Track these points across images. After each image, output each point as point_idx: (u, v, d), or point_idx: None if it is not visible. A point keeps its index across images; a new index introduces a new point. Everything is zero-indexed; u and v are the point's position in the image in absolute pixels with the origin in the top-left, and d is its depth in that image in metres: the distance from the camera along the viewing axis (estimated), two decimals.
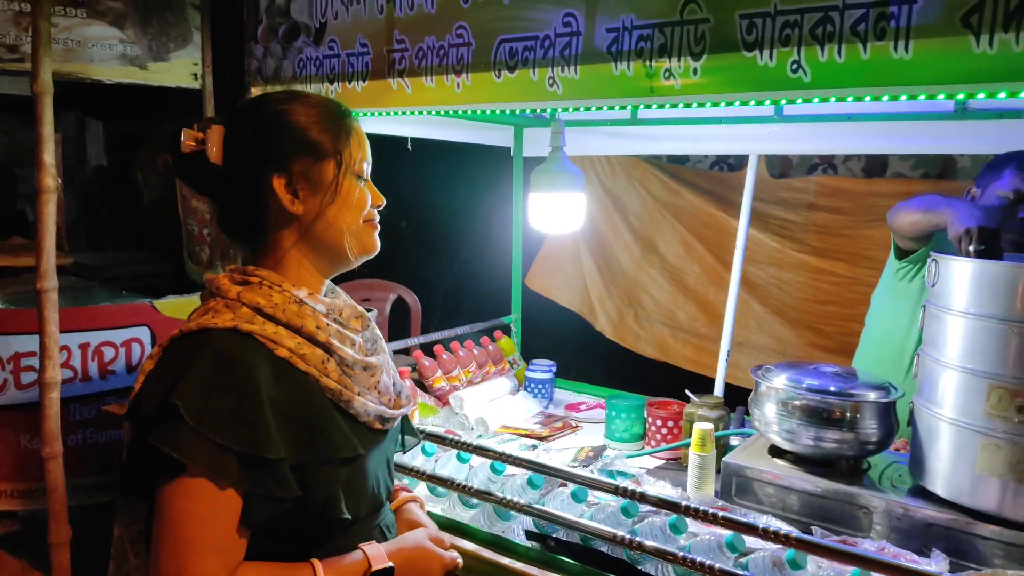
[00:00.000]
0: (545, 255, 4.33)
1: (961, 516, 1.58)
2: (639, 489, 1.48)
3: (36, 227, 2.17)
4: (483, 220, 3.30)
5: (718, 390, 2.84)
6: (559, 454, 2.15)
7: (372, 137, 2.66)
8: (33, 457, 2.37)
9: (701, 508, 1.39)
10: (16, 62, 2.90)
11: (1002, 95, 1.07)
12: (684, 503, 1.42)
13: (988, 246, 1.64)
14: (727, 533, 1.42)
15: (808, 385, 1.81)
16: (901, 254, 2.19)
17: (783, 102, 1.33)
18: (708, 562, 1.38)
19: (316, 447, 1.03)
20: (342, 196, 1.13)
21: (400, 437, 1.37)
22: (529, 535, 1.66)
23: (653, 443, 2.32)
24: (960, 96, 1.12)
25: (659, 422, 2.31)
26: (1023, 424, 1.46)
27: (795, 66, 1.22)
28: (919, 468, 1.68)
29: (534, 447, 2.19)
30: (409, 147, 2.57)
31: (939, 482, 1.62)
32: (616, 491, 1.50)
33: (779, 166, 3.86)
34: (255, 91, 1.97)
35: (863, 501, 1.69)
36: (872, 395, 1.78)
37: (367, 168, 1.18)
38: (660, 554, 1.43)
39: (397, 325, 4.10)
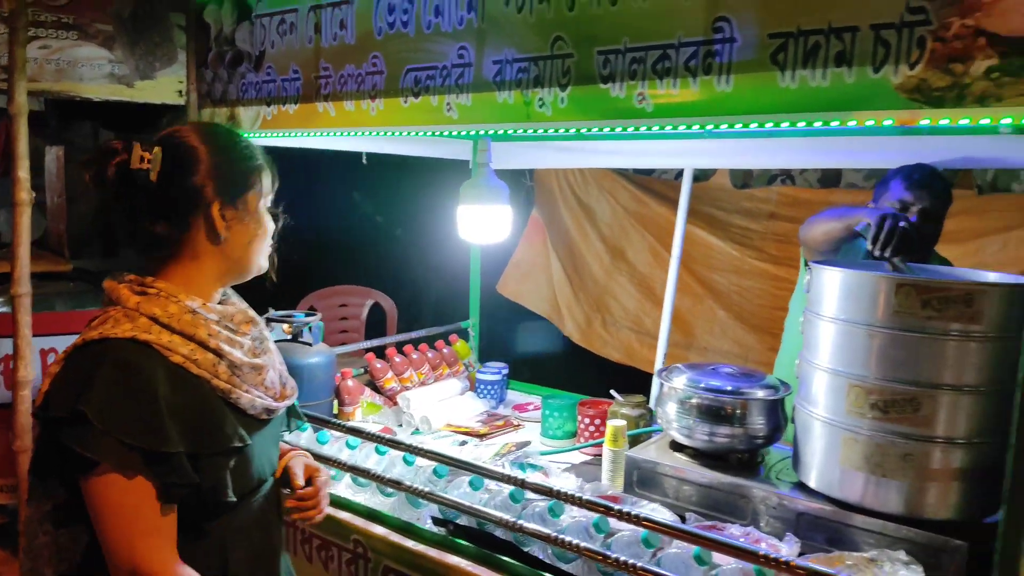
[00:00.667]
0: (516, 261, 4.48)
1: (829, 506, 1.71)
2: (520, 477, 1.63)
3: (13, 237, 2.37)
4: (451, 229, 3.48)
5: (655, 391, 2.98)
6: (487, 449, 2.31)
7: (337, 154, 2.82)
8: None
9: (567, 492, 1.54)
10: (31, 81, 3.11)
11: (801, 124, 1.22)
12: (556, 489, 1.57)
13: (903, 237, 1.76)
14: (594, 516, 1.57)
15: (704, 385, 1.95)
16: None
17: (618, 129, 1.47)
18: (577, 542, 1.53)
19: (208, 440, 1.17)
20: (263, 224, 1.31)
21: (287, 420, 1.50)
22: (435, 521, 1.82)
23: (583, 440, 2.47)
24: (769, 125, 1.26)
25: (587, 420, 2.46)
26: (876, 420, 1.60)
27: (640, 97, 1.38)
28: (797, 463, 1.81)
29: (465, 442, 2.35)
30: (364, 161, 2.74)
31: (812, 475, 1.75)
32: (502, 479, 1.65)
33: (741, 176, 3.99)
34: (205, 112, 2.16)
35: (744, 492, 1.82)
36: (761, 393, 1.92)
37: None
38: (539, 535, 1.58)
39: (374, 330, 4.28)
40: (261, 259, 1.32)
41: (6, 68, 3.29)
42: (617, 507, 1.47)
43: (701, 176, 4.18)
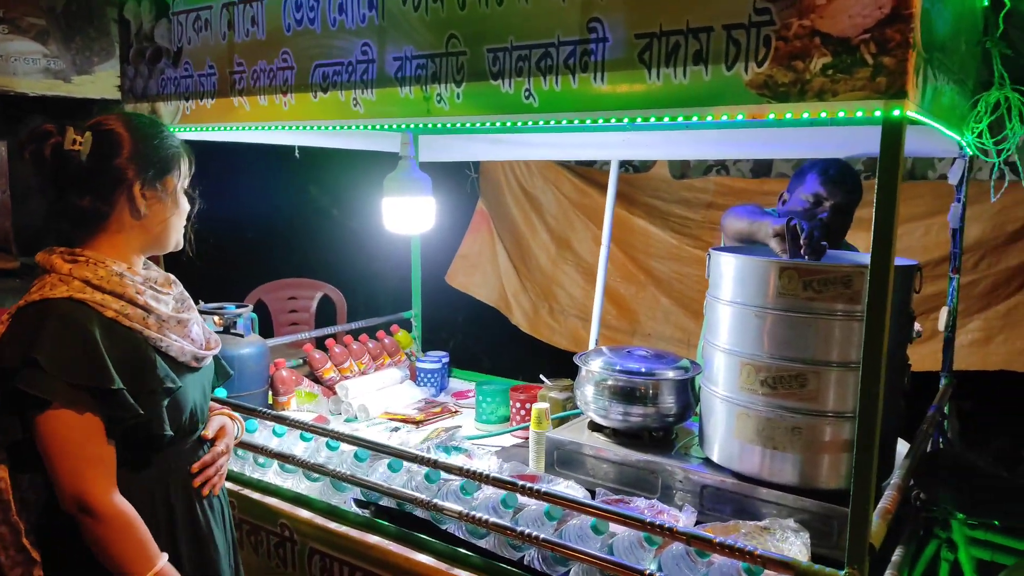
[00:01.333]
0: (463, 253, 4.54)
1: (730, 479, 1.80)
2: (433, 458, 1.70)
3: None
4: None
5: None
6: (419, 435, 2.37)
7: (264, 148, 2.86)
8: None
9: (475, 471, 1.61)
10: None
11: (665, 118, 1.30)
12: (466, 468, 1.64)
13: (811, 240, 1.82)
14: (502, 493, 1.64)
15: (619, 367, 2.03)
16: None
17: (508, 123, 1.54)
18: (487, 517, 1.60)
19: (144, 380, 1.35)
20: (179, 204, 1.48)
21: (215, 374, 1.67)
22: (358, 503, 1.88)
23: (515, 423, 2.55)
24: (639, 120, 1.33)
25: (518, 404, 2.53)
26: (766, 396, 1.69)
27: (527, 93, 1.44)
28: (703, 439, 1.90)
29: (397, 429, 2.41)
30: (296, 155, 2.78)
31: (715, 450, 1.84)
32: (415, 459, 1.72)
33: (679, 167, 4.09)
34: (128, 107, 2.18)
35: (654, 467, 1.91)
36: (671, 374, 2.01)
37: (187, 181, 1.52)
38: (453, 513, 1.65)
39: (325, 322, 4.31)
40: (177, 235, 1.50)
41: None
42: (522, 483, 1.55)
43: (641, 167, 4.27)
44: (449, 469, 1.66)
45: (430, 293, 3.38)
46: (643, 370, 2.02)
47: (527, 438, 2.48)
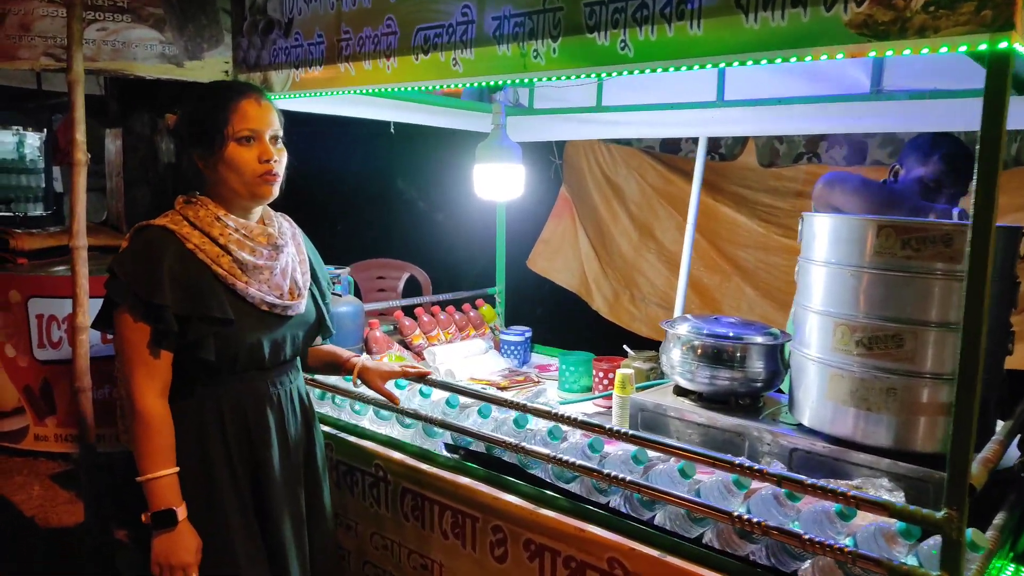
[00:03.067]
0: (545, 238, 4.59)
1: (820, 442, 1.79)
2: (522, 401, 1.75)
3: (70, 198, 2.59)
4: (480, 202, 3.62)
5: None
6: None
7: (364, 123, 3.00)
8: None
9: (563, 414, 1.65)
10: (90, 60, 3.34)
11: (764, 62, 1.31)
12: (553, 411, 1.69)
13: None
14: (590, 438, 1.68)
15: (707, 331, 2.04)
16: None
17: (604, 76, 1.57)
18: (574, 460, 1.64)
19: (196, 305, 1.50)
20: (226, 159, 1.54)
21: (318, 329, 1.79)
22: (448, 447, 1.95)
23: (597, 392, 2.58)
24: (735, 64, 1.35)
25: (601, 374, 2.56)
26: (861, 356, 1.67)
27: (623, 44, 1.48)
28: (793, 404, 1.89)
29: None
30: (392, 131, 2.89)
31: (806, 413, 1.83)
32: (505, 403, 1.78)
33: (768, 155, 4.03)
34: (241, 77, 2.33)
35: (741, 431, 1.91)
36: (760, 339, 2.00)
37: (256, 133, 1.55)
38: (541, 456, 1.70)
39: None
40: (247, 188, 1.56)
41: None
42: (608, 426, 1.58)
43: (728, 155, 4.23)
44: (538, 413, 1.71)
45: (512, 278, 3.45)
46: (731, 334, 2.02)
47: (610, 407, 2.51)
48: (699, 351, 2.03)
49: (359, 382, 1.83)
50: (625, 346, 2.50)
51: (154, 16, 3.61)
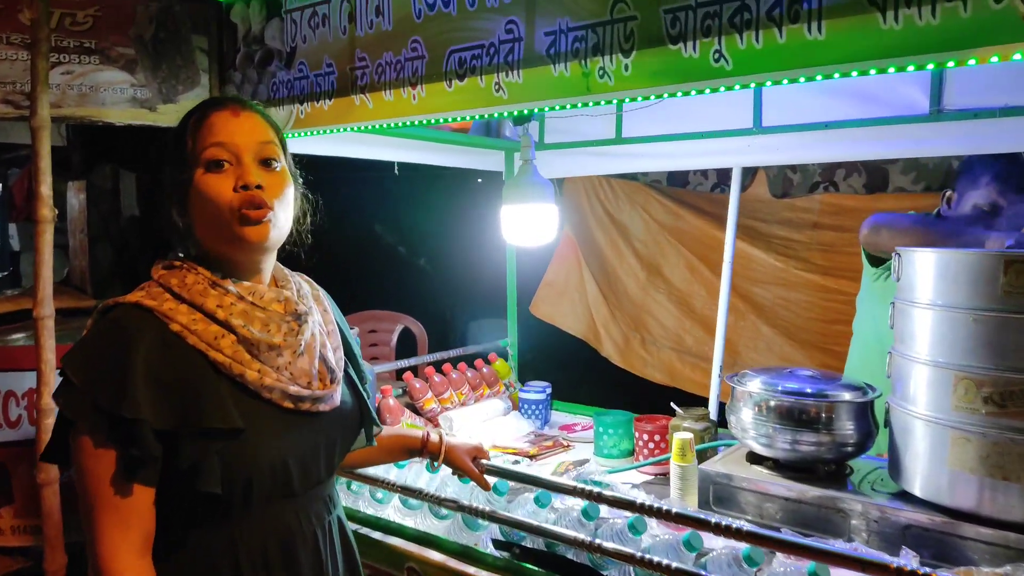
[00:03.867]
0: (549, 281, 4.33)
1: (940, 516, 1.52)
2: (596, 489, 1.46)
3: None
4: (480, 246, 3.32)
5: (712, 404, 2.80)
6: (540, 468, 2.13)
7: (360, 163, 2.72)
8: None
9: (654, 505, 1.36)
10: (55, 107, 3.05)
11: (911, 68, 1.07)
12: (639, 501, 1.40)
13: None
14: (686, 532, 1.39)
15: (783, 388, 1.78)
16: (876, 261, 2.17)
17: (693, 93, 1.33)
18: (666, 562, 1.35)
19: (188, 414, 1.05)
20: (193, 195, 1.12)
21: (360, 427, 1.32)
22: (496, 544, 1.64)
23: (641, 458, 2.29)
24: (872, 72, 1.11)
25: (646, 436, 2.28)
26: (991, 416, 1.42)
27: (717, 55, 1.24)
28: (897, 469, 1.63)
29: (516, 462, 2.18)
30: (396, 171, 2.63)
31: (917, 482, 1.57)
32: (574, 492, 1.48)
33: (780, 186, 3.84)
34: None
35: (841, 505, 1.64)
36: (847, 395, 1.74)
37: (232, 151, 1.12)
38: (620, 555, 1.41)
39: (405, 355, 4.13)
40: (219, 231, 1.12)
41: (28, 95, 3.24)
42: (715, 519, 1.29)
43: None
44: (618, 503, 1.42)
45: (500, 322, 3.17)
46: (814, 391, 1.76)
47: (658, 473, 2.23)
48: (777, 411, 1.76)
49: (437, 465, 1.53)
50: (673, 404, 2.23)
51: (124, 57, 3.32)
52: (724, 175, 4.08)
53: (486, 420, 2.61)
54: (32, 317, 2.50)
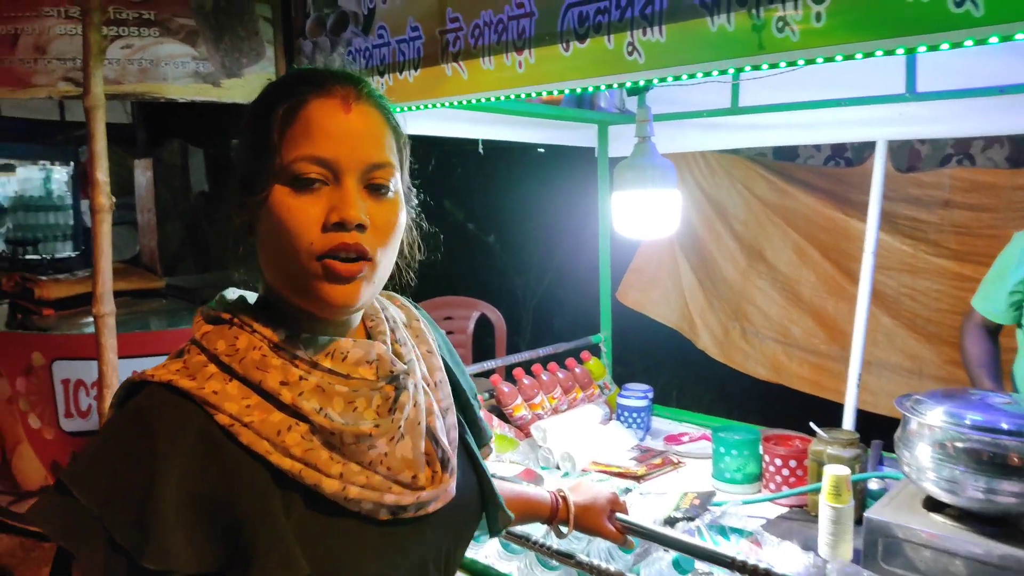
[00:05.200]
0: (638, 266, 3.98)
1: None
2: (765, 566, 1.14)
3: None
4: (571, 229, 3.02)
5: (848, 422, 2.43)
6: (658, 500, 1.83)
7: (440, 141, 2.44)
8: None
9: None
10: (114, 84, 2.87)
11: None
12: None
13: None
14: None
15: (974, 422, 1.42)
16: None
17: (921, 49, 0.98)
18: None
19: (235, 559, 0.73)
20: (264, 219, 0.79)
21: (480, 518, 0.99)
22: None
23: (772, 486, 1.96)
24: None
25: (778, 461, 1.95)
26: None
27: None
28: None
29: (628, 490, 1.88)
30: (480, 150, 2.33)
31: None
32: (732, 566, 1.17)
33: (906, 159, 3.39)
34: None
35: None
36: None
37: (333, 166, 0.78)
38: None
39: (481, 345, 3.87)
40: (295, 281, 0.79)
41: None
42: None
43: (855, 159, 3.61)
44: None
45: (594, 312, 2.85)
46: (1014, 427, 1.40)
47: (792, 506, 1.90)
48: (968, 453, 1.41)
49: (567, 531, 1.26)
50: (812, 424, 1.89)
51: (185, 28, 3.09)
52: (839, 146, 3.65)
53: (582, 430, 2.32)
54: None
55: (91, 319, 3.78)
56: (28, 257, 6.03)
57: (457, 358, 1.05)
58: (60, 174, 6.69)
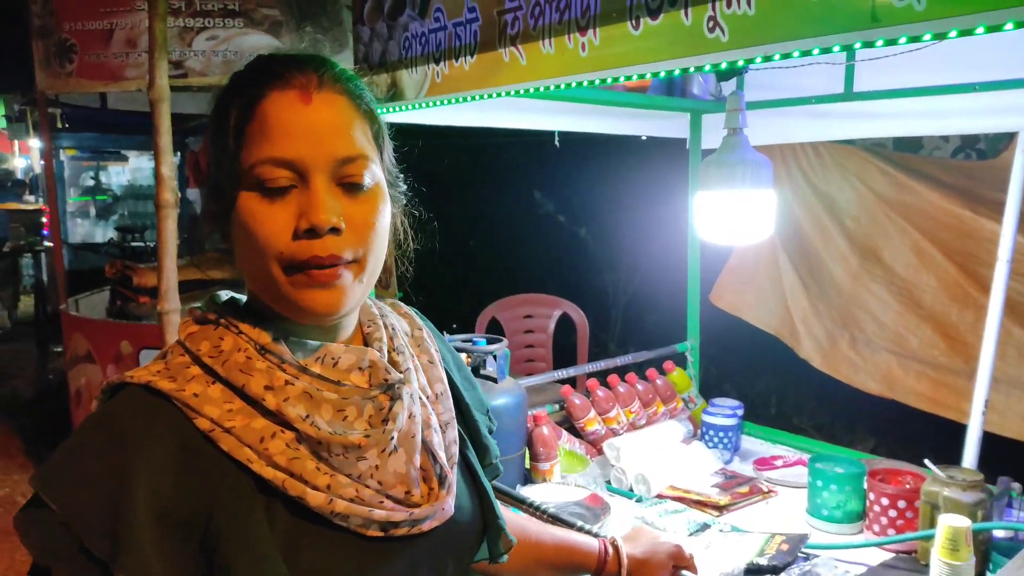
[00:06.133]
0: (735, 265, 3.70)
1: None
2: None
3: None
4: (665, 224, 2.80)
5: (969, 455, 2.12)
6: (740, 541, 1.62)
7: (514, 133, 2.29)
8: None
9: None
10: (181, 77, 2.92)
11: None
12: None
13: None
14: None
15: None
16: None
17: None
18: None
19: (217, 569, 0.68)
20: (235, 225, 0.75)
21: (484, 543, 0.92)
22: None
23: (876, 528, 1.71)
24: None
25: (885, 500, 1.70)
26: None
27: None
28: None
29: (706, 526, 1.68)
30: (556, 143, 2.17)
31: None
32: None
33: None
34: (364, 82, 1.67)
35: None
36: None
37: (299, 166, 0.72)
38: None
39: (563, 345, 3.71)
40: (273, 288, 0.74)
41: (177, 64, 3.11)
42: None
43: (989, 151, 3.21)
44: None
45: (679, 316, 2.62)
46: None
47: (898, 552, 1.65)
48: None
49: None
50: (927, 461, 1.62)
51: (269, 19, 3.08)
52: (971, 137, 3.25)
53: (660, 449, 2.12)
54: (201, 287, 2.33)
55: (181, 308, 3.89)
56: (135, 244, 6.33)
57: (468, 372, 1.02)
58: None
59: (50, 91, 3.18)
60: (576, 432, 2.18)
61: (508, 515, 1.02)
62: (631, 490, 1.97)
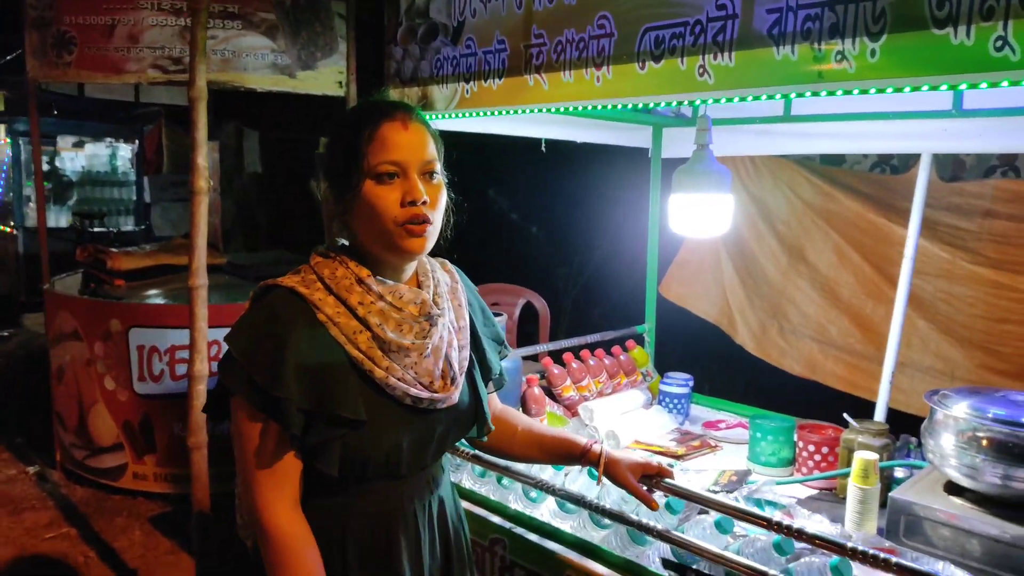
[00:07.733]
0: (682, 261, 4.12)
1: None
2: (797, 524, 1.31)
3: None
4: (617, 225, 3.18)
5: (879, 415, 2.57)
6: (697, 476, 2.00)
7: (502, 139, 2.61)
8: (183, 444, 2.52)
9: (871, 552, 1.21)
10: (180, 72, 3.11)
11: None
12: (850, 544, 1.25)
13: None
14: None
15: (995, 415, 1.57)
16: None
17: (962, 87, 1.13)
18: None
19: (323, 401, 1.15)
20: (361, 202, 1.19)
21: (473, 425, 1.38)
22: (666, 563, 1.53)
23: (804, 470, 2.12)
24: None
25: (811, 447, 2.11)
26: None
27: (1000, 43, 1.04)
28: None
29: (671, 465, 2.05)
30: (543, 148, 2.50)
31: None
32: (770, 525, 1.34)
33: (950, 168, 3.48)
34: (394, 92, 1.97)
35: None
36: None
37: (400, 166, 1.18)
38: None
39: (525, 330, 4.05)
40: (383, 241, 1.19)
41: (176, 60, 3.30)
42: None
43: (901, 167, 3.70)
44: (824, 544, 1.27)
45: (639, 304, 3.01)
46: None
47: (820, 488, 2.06)
48: (987, 443, 1.56)
49: (603, 479, 1.47)
50: (846, 415, 2.04)
51: (266, 22, 3.31)
52: (886, 154, 3.74)
53: (625, 412, 2.49)
54: (171, 272, 2.51)
55: (158, 290, 4.04)
56: (95, 231, 6.35)
57: (489, 315, 1.49)
58: (125, 151, 7.00)
59: (44, 80, 3.31)
60: (554, 397, 2.52)
61: (520, 415, 1.58)
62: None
